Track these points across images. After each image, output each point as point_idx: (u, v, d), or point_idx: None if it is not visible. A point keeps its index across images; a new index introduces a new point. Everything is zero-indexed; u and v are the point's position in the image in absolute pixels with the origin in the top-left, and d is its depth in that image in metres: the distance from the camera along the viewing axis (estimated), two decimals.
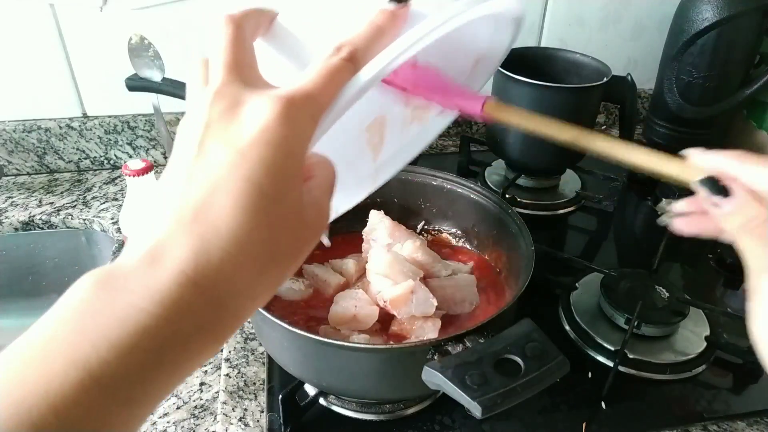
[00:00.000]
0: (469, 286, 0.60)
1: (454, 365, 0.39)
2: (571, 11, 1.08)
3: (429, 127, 0.48)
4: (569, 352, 0.66)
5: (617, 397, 0.61)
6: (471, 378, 0.37)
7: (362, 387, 0.51)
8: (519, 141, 0.89)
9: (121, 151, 1.03)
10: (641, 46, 1.14)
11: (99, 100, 1.00)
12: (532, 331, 0.40)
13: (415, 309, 0.54)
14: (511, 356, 0.39)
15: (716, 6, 0.88)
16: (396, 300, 0.54)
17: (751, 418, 0.60)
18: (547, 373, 0.39)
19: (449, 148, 1.11)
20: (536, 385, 0.39)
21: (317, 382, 0.53)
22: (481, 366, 0.39)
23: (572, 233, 0.93)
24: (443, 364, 0.39)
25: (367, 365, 0.47)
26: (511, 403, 0.37)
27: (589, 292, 0.73)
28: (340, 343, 0.46)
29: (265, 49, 0.34)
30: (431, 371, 0.39)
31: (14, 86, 0.96)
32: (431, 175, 0.68)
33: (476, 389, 0.37)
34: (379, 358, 0.47)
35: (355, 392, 0.55)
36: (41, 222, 0.91)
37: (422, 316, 0.55)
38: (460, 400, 0.38)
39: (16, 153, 0.99)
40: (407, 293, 0.54)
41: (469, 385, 0.37)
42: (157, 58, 0.87)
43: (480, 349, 0.40)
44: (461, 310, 0.59)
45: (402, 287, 0.55)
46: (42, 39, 0.93)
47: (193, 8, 0.94)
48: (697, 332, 0.68)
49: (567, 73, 0.93)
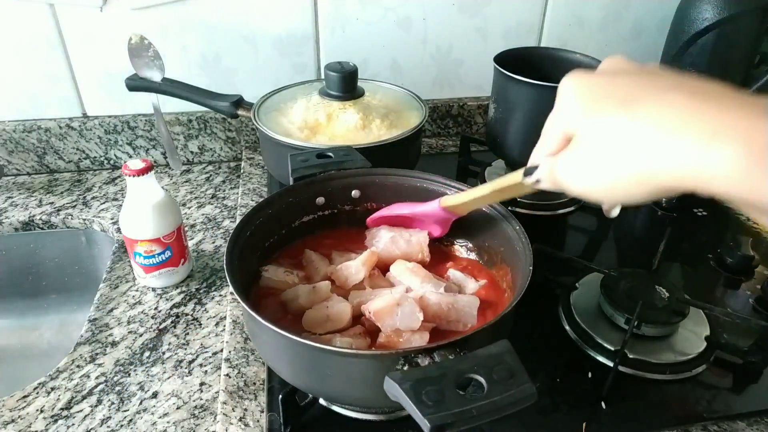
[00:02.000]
0: (467, 308, 0.57)
1: (414, 378, 0.38)
2: (571, 11, 1.08)
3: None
4: (569, 352, 0.67)
5: (617, 397, 0.61)
6: (428, 394, 0.36)
7: (335, 390, 0.50)
8: (519, 141, 0.89)
9: (121, 151, 1.03)
10: (641, 46, 1.14)
11: (99, 100, 1.00)
12: (505, 353, 0.38)
13: (400, 322, 0.53)
14: (477, 377, 0.37)
15: (716, 6, 0.88)
16: (380, 312, 0.53)
17: (751, 418, 0.60)
18: (509, 400, 0.37)
19: (449, 148, 1.11)
20: (494, 411, 0.36)
21: (292, 380, 0.52)
22: (442, 382, 0.37)
23: (572, 233, 0.93)
24: (404, 376, 0.38)
25: (338, 369, 0.46)
26: (465, 425, 0.36)
27: (589, 292, 0.73)
28: (305, 342, 0.45)
29: None
30: (391, 382, 0.38)
31: (14, 86, 0.96)
32: (445, 184, 0.66)
33: (431, 406, 0.36)
34: (348, 362, 0.45)
35: (332, 395, 0.54)
36: (41, 222, 0.91)
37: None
38: (412, 414, 0.36)
39: (16, 153, 0.99)
40: (392, 305, 0.53)
41: (424, 401, 0.36)
42: (157, 58, 0.87)
43: (446, 366, 0.38)
44: (454, 328, 0.56)
45: (386, 300, 0.53)
46: (42, 39, 0.93)
47: (193, 8, 0.95)
48: (697, 332, 0.68)
49: (567, 73, 0.93)
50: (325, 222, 0.69)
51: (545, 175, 0.43)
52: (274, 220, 0.64)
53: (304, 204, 0.67)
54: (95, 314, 0.72)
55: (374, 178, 0.68)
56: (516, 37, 1.08)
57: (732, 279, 0.79)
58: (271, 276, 0.61)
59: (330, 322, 0.55)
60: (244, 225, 0.59)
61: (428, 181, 0.67)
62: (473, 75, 1.12)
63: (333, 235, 0.70)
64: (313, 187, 0.67)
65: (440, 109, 1.13)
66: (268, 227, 0.64)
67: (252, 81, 1.02)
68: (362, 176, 0.68)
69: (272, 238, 0.65)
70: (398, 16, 1.03)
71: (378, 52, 1.05)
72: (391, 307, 0.53)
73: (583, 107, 0.37)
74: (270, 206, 0.63)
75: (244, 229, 0.59)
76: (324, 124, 0.85)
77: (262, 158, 1.02)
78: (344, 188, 0.68)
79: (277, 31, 0.99)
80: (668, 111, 0.32)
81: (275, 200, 0.64)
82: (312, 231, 0.69)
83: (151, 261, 0.73)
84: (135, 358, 0.66)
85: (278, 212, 0.65)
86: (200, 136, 1.05)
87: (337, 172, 0.67)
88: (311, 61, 1.03)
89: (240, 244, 0.57)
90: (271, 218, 0.63)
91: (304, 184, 0.66)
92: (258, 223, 0.61)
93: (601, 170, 0.36)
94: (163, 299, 0.75)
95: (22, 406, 0.61)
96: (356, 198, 0.69)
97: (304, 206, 0.67)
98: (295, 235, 0.68)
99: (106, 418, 0.59)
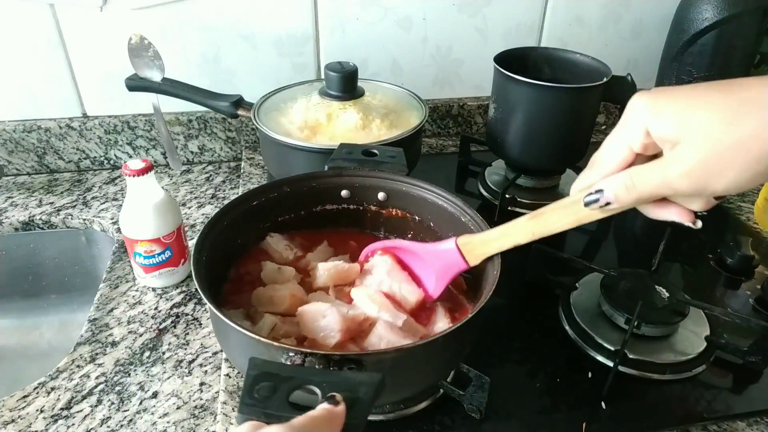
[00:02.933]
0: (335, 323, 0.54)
1: (264, 370, 0.38)
2: (571, 11, 1.08)
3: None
4: (569, 352, 0.67)
5: (617, 397, 0.61)
6: (262, 389, 0.37)
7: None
8: (519, 141, 0.89)
9: (121, 151, 1.03)
10: (641, 46, 1.14)
11: (99, 100, 1.00)
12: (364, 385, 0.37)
13: (318, 333, 0.53)
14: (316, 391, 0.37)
15: (716, 6, 0.88)
16: (303, 314, 0.54)
17: (751, 418, 0.60)
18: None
19: (449, 148, 1.11)
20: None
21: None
22: (283, 384, 0.37)
23: (572, 233, 0.92)
24: (259, 364, 0.39)
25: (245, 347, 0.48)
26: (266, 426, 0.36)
27: (589, 292, 0.73)
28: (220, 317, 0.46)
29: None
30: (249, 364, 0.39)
31: (14, 86, 0.96)
32: (470, 215, 0.63)
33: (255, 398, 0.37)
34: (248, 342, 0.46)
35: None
36: (41, 222, 0.91)
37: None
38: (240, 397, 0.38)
39: (16, 153, 0.99)
40: (315, 313, 0.53)
41: (253, 390, 0.37)
42: (157, 58, 0.87)
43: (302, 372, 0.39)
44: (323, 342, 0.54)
45: (314, 307, 0.54)
46: (42, 39, 0.93)
47: (193, 8, 0.95)
48: (697, 332, 0.68)
49: (567, 73, 0.93)
50: (351, 217, 0.70)
51: (620, 192, 0.43)
52: (290, 198, 0.67)
53: (328, 192, 0.69)
54: (95, 314, 0.72)
55: (401, 186, 0.67)
56: (516, 37, 1.08)
57: (732, 279, 0.80)
58: (271, 243, 0.66)
59: (270, 304, 0.58)
60: (251, 196, 0.64)
61: (453, 204, 0.64)
62: (473, 75, 1.12)
63: (356, 236, 0.70)
64: (339, 179, 0.68)
65: (440, 109, 1.13)
66: (283, 204, 0.67)
67: (252, 81, 1.02)
68: (391, 180, 0.67)
69: (288, 215, 0.68)
70: (398, 16, 1.03)
71: (378, 52, 1.05)
72: (314, 315, 0.54)
73: (671, 115, 0.39)
74: (289, 185, 0.67)
75: (251, 199, 0.64)
76: (324, 124, 0.85)
77: (262, 158, 1.02)
78: (372, 188, 0.68)
79: (277, 31, 0.99)
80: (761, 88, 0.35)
81: (294, 181, 0.67)
82: (336, 221, 0.70)
83: (151, 261, 0.73)
84: (135, 358, 0.66)
85: (298, 193, 0.67)
86: (200, 136, 1.05)
87: (368, 170, 0.67)
88: (311, 61, 1.03)
89: (242, 208, 0.63)
90: (288, 196, 0.67)
91: (330, 173, 0.67)
92: (270, 197, 0.65)
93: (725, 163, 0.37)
94: (163, 299, 0.75)
95: (22, 406, 0.61)
96: (383, 200, 0.69)
97: (328, 194, 0.69)
98: (317, 221, 0.70)
99: (106, 418, 0.59)
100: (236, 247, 0.65)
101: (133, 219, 0.71)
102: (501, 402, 0.59)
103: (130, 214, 0.71)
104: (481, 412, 0.58)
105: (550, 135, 0.87)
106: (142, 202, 0.70)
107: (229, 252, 0.64)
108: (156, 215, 0.71)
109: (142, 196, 0.70)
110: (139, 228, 0.71)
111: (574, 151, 0.92)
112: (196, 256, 0.54)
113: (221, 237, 0.59)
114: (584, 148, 0.93)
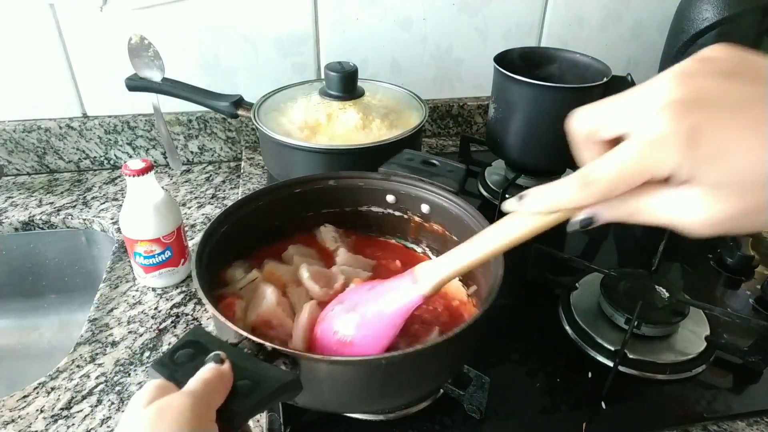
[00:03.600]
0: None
1: (198, 338, 0.40)
2: (571, 11, 1.08)
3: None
4: (569, 352, 0.67)
5: (617, 397, 0.61)
6: (182, 355, 0.39)
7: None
8: (519, 141, 0.89)
9: (121, 151, 1.03)
10: (641, 46, 1.14)
11: (99, 100, 1.00)
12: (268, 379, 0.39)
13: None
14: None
15: (716, 6, 0.88)
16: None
17: (751, 418, 0.60)
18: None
19: (449, 148, 1.11)
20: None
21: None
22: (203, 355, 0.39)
23: (572, 233, 0.92)
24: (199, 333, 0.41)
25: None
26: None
27: (589, 292, 0.73)
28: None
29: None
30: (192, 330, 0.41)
31: (14, 86, 0.96)
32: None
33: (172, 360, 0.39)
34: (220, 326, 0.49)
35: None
36: (41, 222, 0.91)
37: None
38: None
39: (16, 153, 0.99)
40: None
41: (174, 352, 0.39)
42: (157, 58, 0.87)
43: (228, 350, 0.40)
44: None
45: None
46: (42, 39, 0.93)
47: (193, 8, 0.95)
48: (697, 332, 0.68)
49: (567, 73, 0.93)
50: (395, 224, 0.70)
51: (614, 217, 0.35)
52: (335, 192, 0.68)
53: (374, 193, 0.69)
54: (95, 314, 0.72)
55: (443, 201, 0.65)
56: (516, 37, 1.08)
57: (732, 279, 0.80)
58: (322, 232, 0.69)
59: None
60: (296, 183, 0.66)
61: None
62: (473, 75, 1.12)
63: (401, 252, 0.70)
64: (386, 182, 0.67)
65: (440, 109, 1.13)
66: (327, 196, 0.69)
67: (252, 81, 1.02)
68: (436, 194, 0.65)
69: (332, 208, 0.70)
70: (398, 16, 1.03)
71: (378, 52, 1.05)
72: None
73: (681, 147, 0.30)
74: (335, 180, 0.68)
75: (295, 186, 0.67)
76: (324, 124, 0.85)
77: (262, 158, 1.02)
78: (417, 198, 0.67)
79: (277, 31, 0.99)
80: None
81: (341, 177, 0.68)
82: (381, 227, 0.71)
83: (151, 261, 0.73)
84: (135, 358, 0.66)
85: (344, 189, 0.68)
86: (200, 136, 1.05)
87: (417, 179, 0.66)
88: (311, 61, 1.03)
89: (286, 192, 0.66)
90: (333, 190, 0.68)
91: (378, 175, 0.67)
92: (316, 188, 0.67)
93: (729, 203, 0.30)
94: (163, 299, 0.75)
95: (22, 406, 0.61)
96: (426, 213, 0.67)
97: (374, 196, 0.69)
98: (363, 222, 0.70)
99: (106, 418, 0.59)
100: (273, 228, 0.67)
101: (133, 219, 0.71)
102: (501, 402, 0.59)
103: (130, 214, 0.71)
104: (481, 412, 0.58)
105: (550, 135, 0.87)
106: (142, 202, 0.70)
107: (266, 231, 0.66)
108: (156, 215, 0.71)
109: (142, 196, 0.70)
110: (139, 228, 0.71)
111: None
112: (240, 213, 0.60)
113: (260, 212, 0.63)
114: None
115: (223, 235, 0.59)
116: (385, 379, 0.47)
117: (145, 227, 0.71)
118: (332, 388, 0.47)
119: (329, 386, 0.47)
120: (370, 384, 0.48)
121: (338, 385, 0.47)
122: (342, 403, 0.52)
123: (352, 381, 0.48)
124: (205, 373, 0.36)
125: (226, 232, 0.59)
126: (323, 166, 0.80)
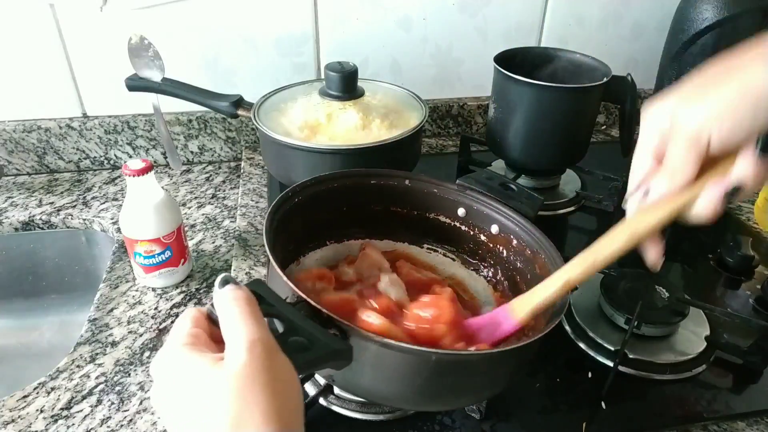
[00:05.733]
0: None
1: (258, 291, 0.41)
2: (571, 11, 1.08)
3: None
4: (569, 352, 0.67)
5: (617, 397, 0.61)
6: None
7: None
8: (519, 141, 0.89)
9: (121, 151, 1.03)
10: (641, 46, 1.14)
11: (99, 100, 1.00)
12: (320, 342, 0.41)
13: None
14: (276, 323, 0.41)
15: (716, 6, 0.88)
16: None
17: (751, 418, 0.60)
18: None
19: (449, 148, 1.11)
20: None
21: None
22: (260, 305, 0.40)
23: (572, 233, 0.93)
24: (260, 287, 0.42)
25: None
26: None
27: (589, 292, 0.73)
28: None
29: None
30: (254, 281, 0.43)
31: (14, 86, 0.96)
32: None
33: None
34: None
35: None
36: (41, 222, 0.91)
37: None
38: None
39: (16, 153, 0.99)
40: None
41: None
42: (157, 58, 0.87)
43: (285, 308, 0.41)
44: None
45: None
46: (42, 39, 0.93)
47: (193, 8, 0.95)
48: (697, 332, 0.68)
49: (567, 73, 0.93)
50: (462, 239, 0.70)
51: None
52: (408, 192, 0.69)
53: (446, 203, 0.69)
54: (95, 314, 0.72)
55: (515, 226, 0.64)
56: (516, 37, 1.08)
57: (732, 279, 0.80)
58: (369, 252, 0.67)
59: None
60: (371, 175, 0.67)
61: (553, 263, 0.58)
62: (473, 75, 1.12)
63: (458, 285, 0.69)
64: (459, 195, 0.68)
65: (440, 109, 1.13)
66: (398, 194, 0.69)
67: (252, 81, 1.02)
68: (509, 217, 0.64)
69: (401, 208, 0.70)
70: (398, 16, 1.03)
71: (378, 51, 1.05)
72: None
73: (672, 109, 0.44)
74: (410, 180, 0.68)
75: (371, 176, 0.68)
76: (324, 124, 0.85)
77: (262, 158, 1.02)
78: (487, 217, 0.66)
79: (277, 31, 0.99)
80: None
81: (417, 180, 0.68)
82: (449, 239, 0.70)
83: (151, 261, 0.73)
84: (135, 358, 0.66)
85: (417, 191, 0.69)
86: (200, 136, 1.05)
87: (490, 197, 0.66)
88: (311, 61, 1.03)
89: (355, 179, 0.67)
90: (407, 190, 0.69)
91: (454, 186, 0.67)
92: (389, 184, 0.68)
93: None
94: (163, 299, 0.75)
95: (22, 406, 0.61)
96: (494, 234, 0.66)
97: (445, 205, 0.69)
98: (432, 230, 0.71)
99: (106, 418, 0.59)
100: (340, 213, 0.68)
101: (133, 219, 0.71)
102: (501, 402, 0.59)
103: (130, 214, 0.71)
104: (481, 412, 0.58)
105: (550, 135, 0.87)
106: (142, 202, 0.70)
107: (332, 213, 0.67)
108: (156, 215, 0.71)
109: (142, 196, 0.70)
110: (139, 228, 0.71)
111: (574, 151, 0.92)
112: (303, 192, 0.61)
113: (333, 192, 0.65)
114: (584, 148, 0.93)
115: (295, 204, 0.61)
116: (430, 376, 0.46)
117: (145, 227, 0.71)
118: (374, 372, 0.47)
119: (371, 368, 0.46)
120: (414, 377, 0.47)
121: (382, 370, 0.47)
122: (378, 391, 0.50)
123: (397, 369, 0.47)
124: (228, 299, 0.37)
125: (300, 203, 0.62)
126: (323, 166, 0.80)
